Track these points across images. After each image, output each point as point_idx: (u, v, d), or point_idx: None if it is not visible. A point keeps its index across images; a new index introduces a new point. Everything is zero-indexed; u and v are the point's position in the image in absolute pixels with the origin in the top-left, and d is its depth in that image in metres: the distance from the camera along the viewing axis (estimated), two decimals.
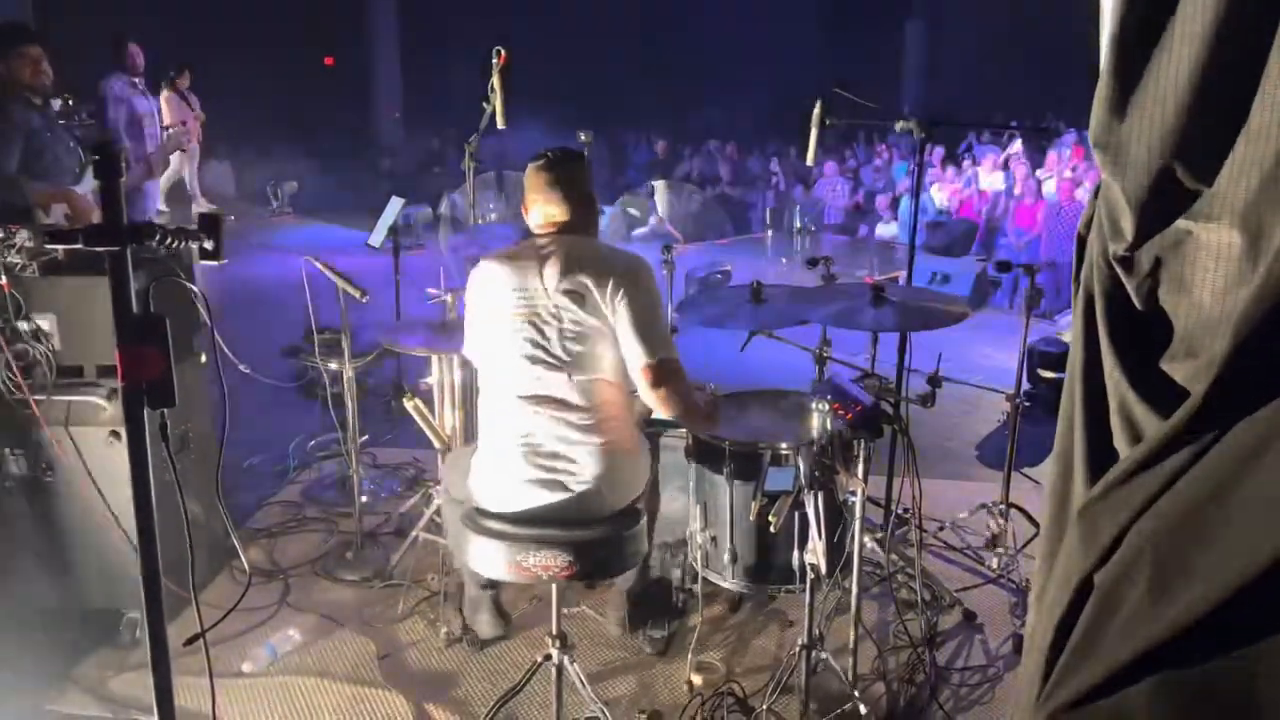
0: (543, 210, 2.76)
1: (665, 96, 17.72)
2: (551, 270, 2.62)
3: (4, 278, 2.87)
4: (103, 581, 3.18)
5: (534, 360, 2.61)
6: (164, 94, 8.19)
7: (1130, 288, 1.13)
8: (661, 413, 2.73)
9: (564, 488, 2.62)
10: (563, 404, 2.63)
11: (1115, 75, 1.07)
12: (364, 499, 3.85)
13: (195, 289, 1.65)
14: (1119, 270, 1.14)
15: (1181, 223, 1.07)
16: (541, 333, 2.61)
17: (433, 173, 14.39)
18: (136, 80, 6.46)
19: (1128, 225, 1.11)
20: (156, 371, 1.41)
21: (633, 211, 10.55)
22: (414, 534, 3.64)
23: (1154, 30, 1.03)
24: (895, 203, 12.29)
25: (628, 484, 2.72)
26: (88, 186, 4.33)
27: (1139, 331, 1.13)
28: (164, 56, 7.88)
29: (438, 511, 3.60)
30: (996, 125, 12.61)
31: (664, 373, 2.62)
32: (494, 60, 3.44)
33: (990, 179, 11.59)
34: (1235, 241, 1.01)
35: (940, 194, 11.53)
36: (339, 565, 3.71)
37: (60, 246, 2.57)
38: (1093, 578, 1.11)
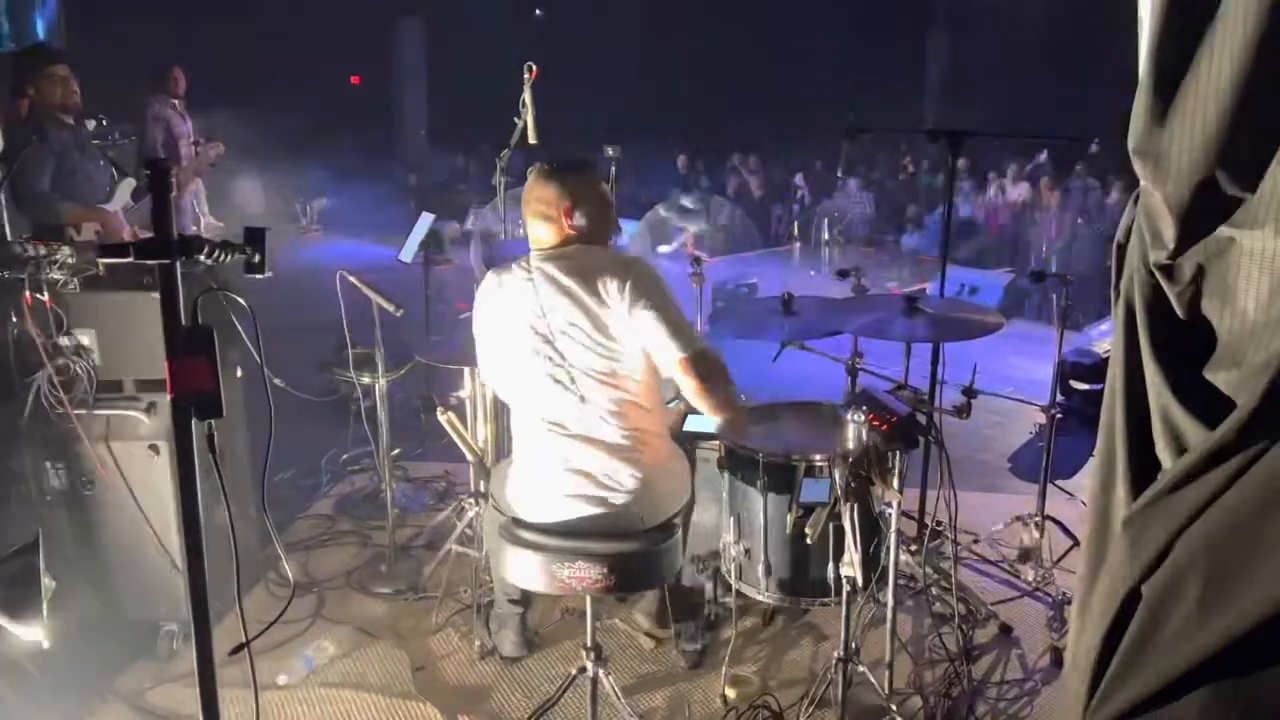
0: (543, 224, 2.66)
1: (688, 110, 17.75)
2: (561, 287, 2.56)
3: (46, 294, 2.91)
4: (141, 594, 3.22)
5: (558, 385, 2.59)
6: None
7: (1172, 296, 1.13)
8: (704, 407, 2.64)
9: (603, 503, 2.62)
10: (594, 427, 2.61)
11: (1155, 84, 1.07)
12: (396, 512, 3.88)
13: (243, 302, 1.67)
14: (1160, 278, 1.13)
15: (1224, 230, 1.06)
16: (562, 355, 2.58)
17: (458, 189, 14.50)
18: (176, 103, 6.61)
19: (1169, 233, 1.10)
20: (205, 384, 1.44)
21: (663, 220, 10.54)
22: (446, 547, 3.66)
23: (1194, 38, 1.03)
24: (921, 215, 12.26)
25: (667, 498, 2.71)
26: (119, 204, 4.40)
27: (1181, 340, 1.12)
28: (196, 76, 7.98)
29: (470, 524, 3.62)
30: (1023, 136, 12.53)
31: (702, 364, 2.55)
32: (526, 75, 3.47)
33: (1016, 190, 11.53)
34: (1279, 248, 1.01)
35: (966, 205, 11.49)
36: (372, 578, 3.74)
37: (103, 261, 2.61)
38: (1140, 589, 1.10)
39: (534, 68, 3.46)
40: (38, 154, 4.02)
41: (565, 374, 2.59)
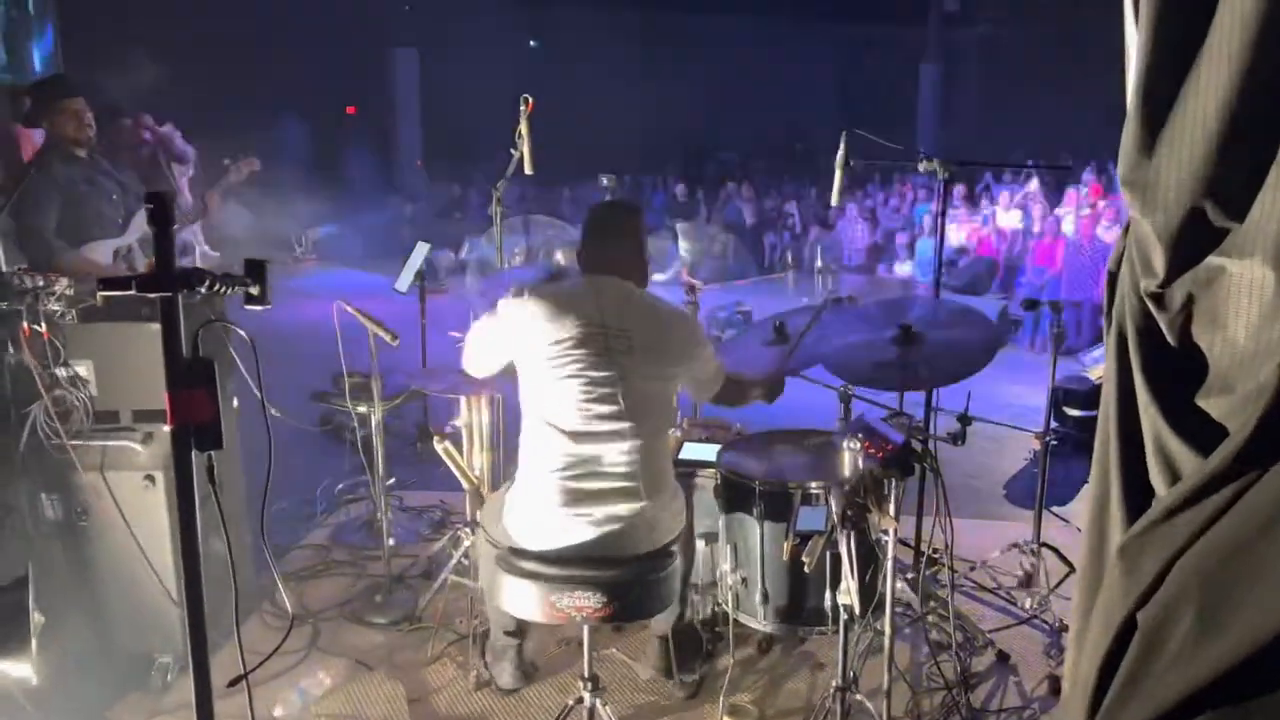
0: (600, 253, 2.80)
1: (682, 139, 17.88)
2: (612, 315, 2.65)
3: (43, 325, 2.92)
4: (135, 625, 3.20)
5: (587, 400, 2.62)
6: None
7: (1163, 324, 1.14)
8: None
9: (603, 526, 2.62)
10: (610, 444, 2.64)
11: (1143, 113, 1.08)
12: (391, 542, 3.86)
13: (244, 334, 1.68)
14: (1151, 306, 1.14)
15: (1213, 259, 1.07)
16: (596, 374, 2.62)
17: (454, 218, 14.57)
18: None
19: (1159, 262, 1.11)
20: (205, 415, 1.44)
21: (658, 248, 10.58)
22: (442, 576, 3.65)
23: (1180, 69, 1.04)
24: (913, 242, 12.34)
25: (666, 524, 2.73)
26: (134, 236, 4.34)
27: (1173, 368, 1.13)
28: (191, 106, 8.00)
29: (466, 554, 3.61)
30: (1015, 164, 12.66)
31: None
32: (521, 107, 3.50)
33: (1008, 217, 11.62)
34: (1269, 277, 1.02)
35: (958, 233, 11.56)
36: (368, 609, 3.71)
37: (103, 293, 2.62)
38: (1135, 617, 1.11)
39: (530, 100, 3.49)
40: (43, 189, 3.99)
41: (618, 393, 2.62)
